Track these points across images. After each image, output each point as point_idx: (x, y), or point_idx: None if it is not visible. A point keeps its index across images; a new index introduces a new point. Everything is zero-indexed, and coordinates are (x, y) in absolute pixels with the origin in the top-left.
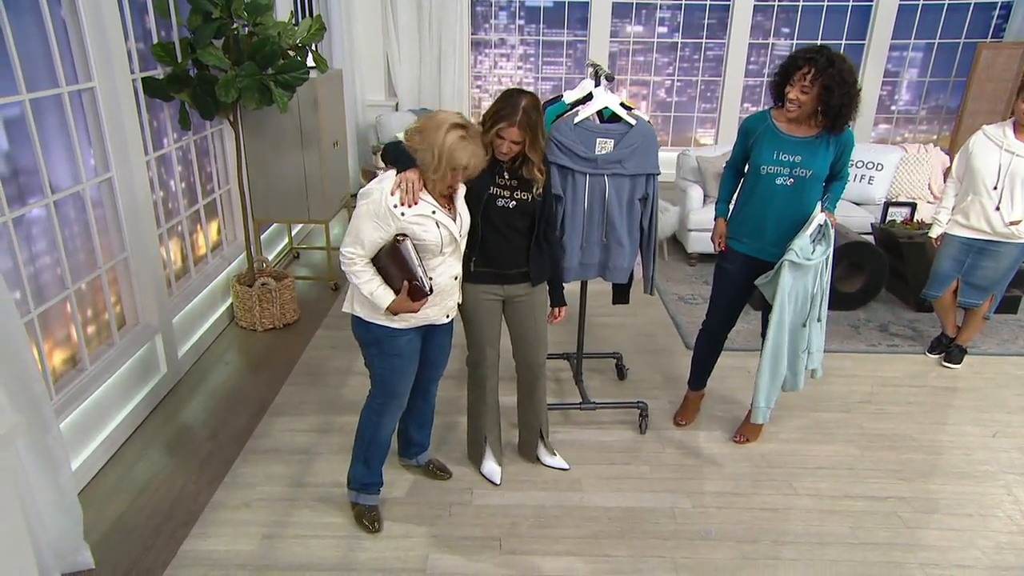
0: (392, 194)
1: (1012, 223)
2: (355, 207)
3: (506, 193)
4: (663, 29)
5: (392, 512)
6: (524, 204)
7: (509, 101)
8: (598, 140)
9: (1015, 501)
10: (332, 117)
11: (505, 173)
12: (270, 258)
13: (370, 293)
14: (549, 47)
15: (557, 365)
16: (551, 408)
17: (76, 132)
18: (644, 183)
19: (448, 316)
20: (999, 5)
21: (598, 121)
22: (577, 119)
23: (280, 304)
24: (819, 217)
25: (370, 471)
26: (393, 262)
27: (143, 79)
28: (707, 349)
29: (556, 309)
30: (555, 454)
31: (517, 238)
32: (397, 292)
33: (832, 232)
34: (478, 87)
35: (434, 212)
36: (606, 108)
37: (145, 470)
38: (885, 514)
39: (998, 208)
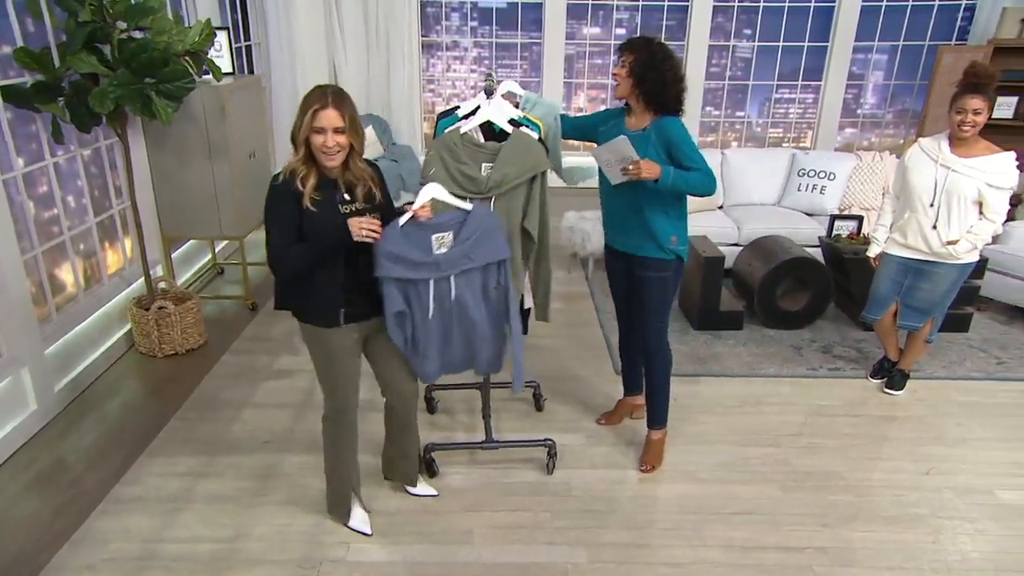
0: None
1: (949, 243)
2: None
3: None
4: (621, 31)
5: (254, 573)
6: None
7: (312, 92)
8: (433, 237)
9: (941, 550)
10: (247, 127)
11: (345, 195)
12: (188, 275)
13: None
14: (504, 49)
15: (470, 395)
16: (454, 447)
17: None
18: (496, 270)
19: None
20: (963, 7)
21: (482, 139)
22: (464, 128)
23: (181, 328)
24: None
25: None
26: None
27: (2, 87)
28: (624, 355)
29: None
30: (424, 480)
31: (373, 265)
32: None
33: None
34: (431, 91)
35: None
36: (495, 125)
37: None
38: (798, 568)
39: (935, 226)
